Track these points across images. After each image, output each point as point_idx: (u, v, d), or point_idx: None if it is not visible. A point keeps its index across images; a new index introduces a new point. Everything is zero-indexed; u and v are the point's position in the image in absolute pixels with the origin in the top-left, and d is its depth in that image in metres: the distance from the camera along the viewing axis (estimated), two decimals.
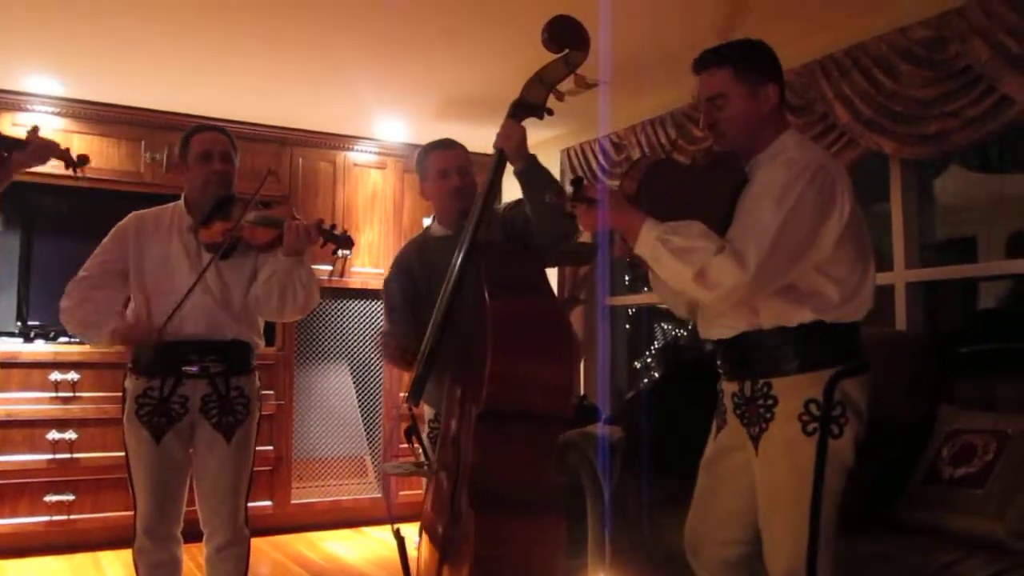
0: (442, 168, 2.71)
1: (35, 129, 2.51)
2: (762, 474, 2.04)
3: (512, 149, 2.38)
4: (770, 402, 2.01)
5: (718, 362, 2.20)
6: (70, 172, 2.61)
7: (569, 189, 2.06)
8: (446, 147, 2.77)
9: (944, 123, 3.14)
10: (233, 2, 3.56)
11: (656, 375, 5.75)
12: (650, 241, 1.97)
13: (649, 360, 6.20)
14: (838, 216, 1.95)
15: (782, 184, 1.94)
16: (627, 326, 5.71)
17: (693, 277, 1.91)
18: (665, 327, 6.52)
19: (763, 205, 1.94)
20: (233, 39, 3.98)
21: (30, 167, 2.49)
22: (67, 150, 2.59)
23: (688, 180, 2.15)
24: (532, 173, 2.43)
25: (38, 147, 2.47)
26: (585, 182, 2.06)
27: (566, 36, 2.29)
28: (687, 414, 2.91)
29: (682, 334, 6.46)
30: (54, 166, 2.61)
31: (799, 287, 1.99)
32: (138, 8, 3.62)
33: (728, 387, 2.16)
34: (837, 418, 1.95)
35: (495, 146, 2.39)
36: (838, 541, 2.00)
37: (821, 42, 3.66)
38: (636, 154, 4.65)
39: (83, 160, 2.63)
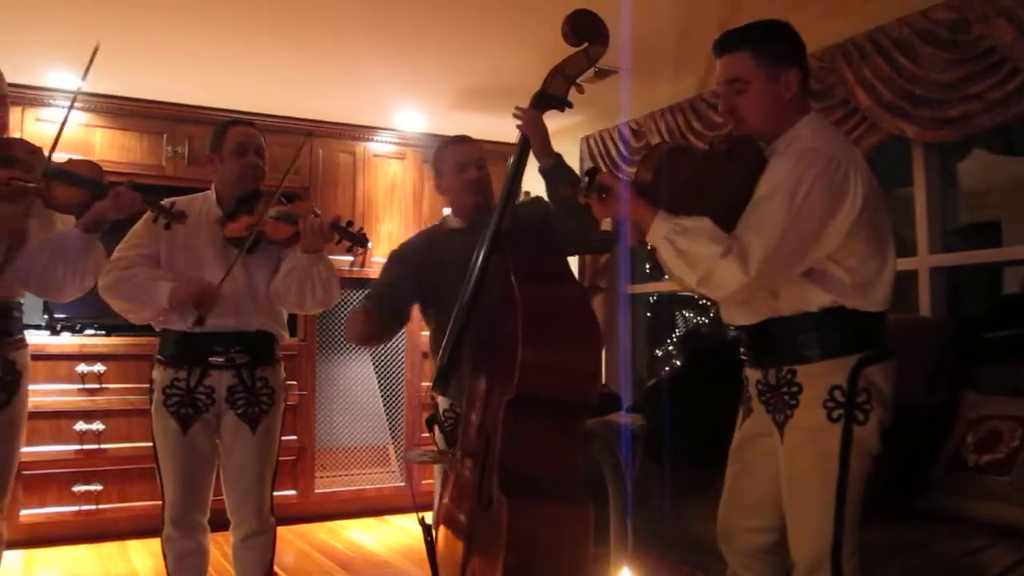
0: (460, 161, 2.73)
1: (126, 183, 2.49)
2: (787, 461, 2.04)
3: (538, 140, 2.39)
4: (794, 389, 2.00)
5: (742, 349, 2.20)
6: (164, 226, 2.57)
7: (584, 180, 2.06)
8: (463, 142, 2.81)
9: (967, 106, 3.11)
10: None
11: (677, 363, 5.74)
12: (659, 238, 1.98)
13: (670, 348, 6.19)
14: (849, 207, 1.92)
15: (792, 178, 1.92)
16: (648, 314, 5.70)
17: (698, 281, 1.94)
18: (687, 315, 6.51)
19: (772, 200, 1.93)
20: (251, 32, 4.00)
21: (112, 217, 2.45)
22: (159, 203, 2.56)
23: (705, 166, 2.14)
24: (559, 172, 2.44)
25: (121, 199, 2.43)
26: (599, 172, 2.06)
27: (587, 30, 2.29)
28: (709, 402, 2.91)
29: (703, 322, 6.44)
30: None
31: (815, 270, 1.98)
32: (158, 3, 3.64)
33: (752, 374, 2.15)
34: (862, 404, 1.94)
35: (520, 134, 2.39)
36: (862, 528, 2.00)
37: (841, 25, 3.62)
38: (655, 141, 4.63)
39: (180, 217, 2.57)
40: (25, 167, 2.35)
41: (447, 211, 2.91)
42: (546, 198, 2.60)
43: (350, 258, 2.76)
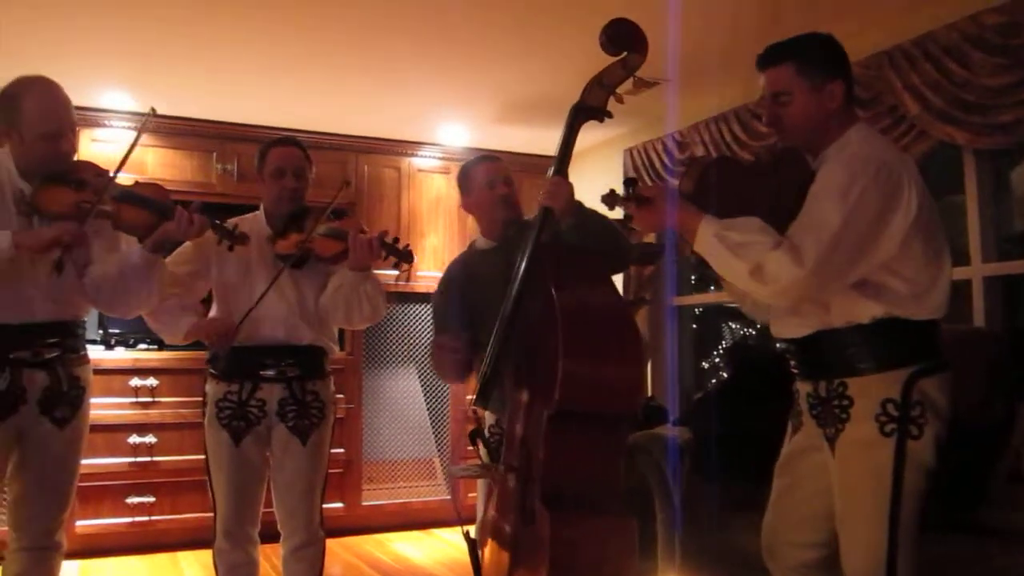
0: (489, 179, 2.76)
1: (195, 207, 2.57)
2: (839, 476, 2.00)
3: (561, 208, 2.38)
4: (846, 402, 1.97)
5: (792, 362, 2.17)
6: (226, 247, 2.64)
7: (625, 190, 2.06)
8: (491, 160, 2.85)
9: (1019, 112, 3.05)
10: (297, 15, 3.64)
11: (725, 375, 5.68)
12: (708, 238, 1.96)
13: (717, 360, 6.14)
14: (903, 214, 1.90)
15: (844, 181, 1.90)
16: (694, 326, 5.66)
17: (749, 272, 1.90)
18: (733, 326, 6.45)
19: (824, 202, 1.91)
20: (299, 52, 4.08)
21: (178, 239, 2.56)
22: (224, 226, 2.63)
23: (751, 178, 2.12)
24: (583, 222, 2.43)
25: (188, 222, 2.51)
26: (639, 182, 2.06)
27: (624, 39, 2.29)
28: (757, 415, 2.87)
29: (750, 333, 6.38)
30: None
31: (868, 282, 1.95)
32: (206, 25, 3.73)
33: (803, 387, 2.12)
34: (916, 418, 1.90)
35: (541, 203, 2.38)
36: (922, 545, 1.95)
37: (888, 32, 3.58)
38: (699, 152, 4.61)
39: (242, 239, 2.65)
40: (95, 190, 2.44)
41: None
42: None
43: (395, 272, 2.80)
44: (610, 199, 2.14)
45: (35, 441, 2.44)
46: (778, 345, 2.24)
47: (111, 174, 2.48)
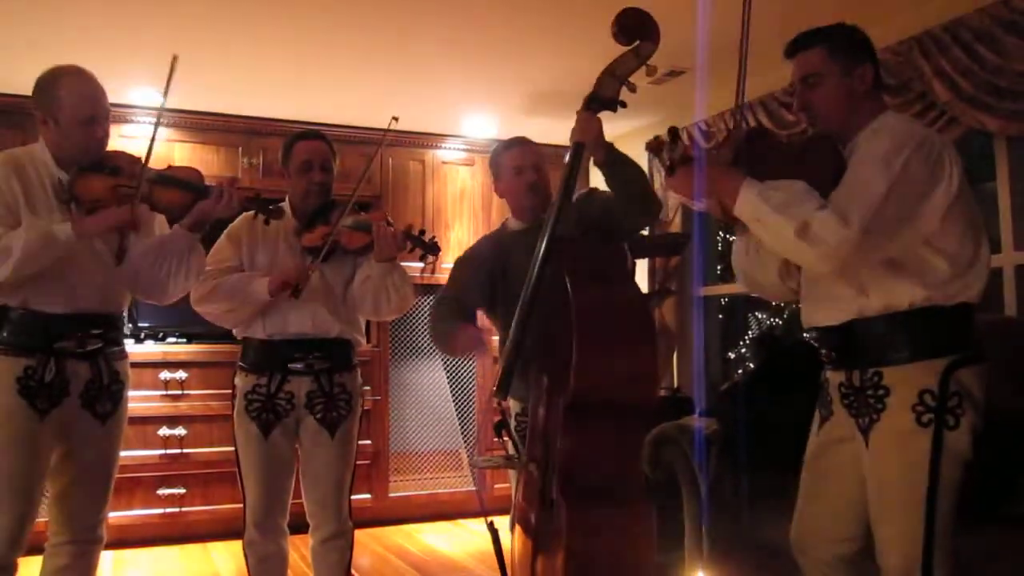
0: (517, 165, 2.75)
1: (232, 180, 2.63)
2: (873, 467, 1.98)
3: (591, 142, 2.39)
4: (881, 392, 1.95)
5: (822, 351, 2.14)
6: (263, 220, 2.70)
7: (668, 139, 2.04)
8: (520, 144, 2.82)
9: None
10: (322, 10, 3.65)
11: (751, 365, 5.66)
12: (751, 198, 1.94)
13: (743, 350, 6.10)
14: (946, 187, 1.88)
15: (888, 149, 1.89)
16: (720, 316, 5.63)
17: (796, 231, 1.86)
18: (759, 316, 6.41)
19: (868, 169, 1.89)
20: (323, 46, 4.09)
21: (217, 215, 2.58)
22: (259, 199, 2.67)
23: (785, 156, 2.10)
24: (614, 160, 2.44)
25: (225, 196, 2.55)
26: (679, 132, 2.05)
27: (636, 28, 2.28)
28: (784, 405, 2.86)
29: (776, 323, 6.34)
30: None
31: (908, 264, 1.93)
32: (232, 21, 3.75)
33: (834, 376, 2.09)
34: (953, 409, 1.88)
35: (572, 140, 2.39)
36: (955, 537, 1.93)
37: (917, 18, 3.53)
38: None
39: (279, 213, 2.70)
40: (129, 175, 2.47)
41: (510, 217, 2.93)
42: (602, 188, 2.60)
43: (420, 265, 2.81)
44: (655, 146, 2.11)
45: (79, 436, 2.47)
46: (806, 334, 2.21)
47: (144, 158, 2.51)
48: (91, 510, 2.54)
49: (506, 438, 2.67)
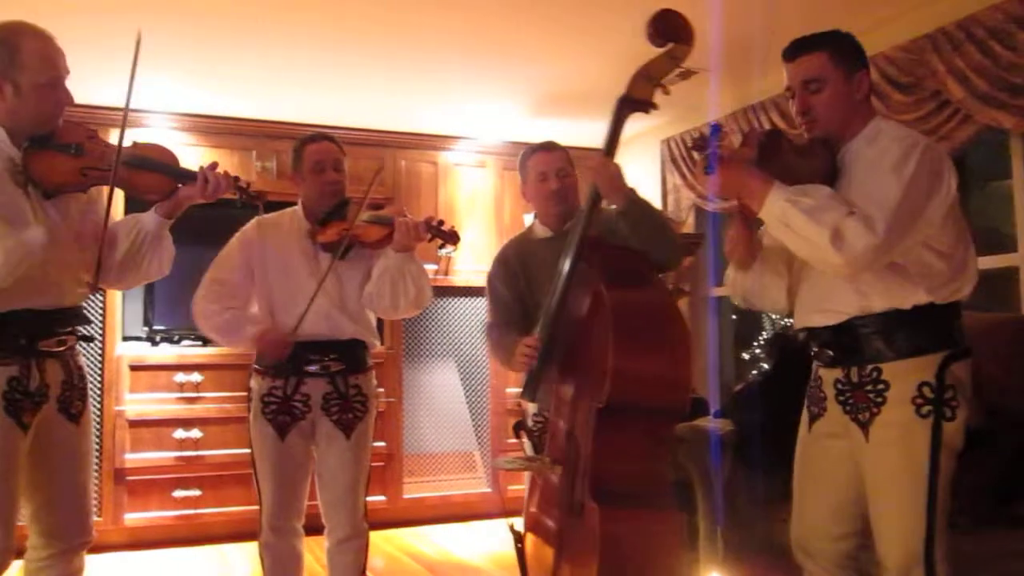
0: (541, 171, 2.74)
1: (212, 165, 2.43)
2: (873, 460, 2.01)
3: (605, 186, 2.38)
4: (880, 387, 1.98)
5: (815, 350, 2.16)
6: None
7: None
8: (546, 150, 2.80)
9: None
10: (333, 14, 3.66)
11: (765, 366, 5.63)
12: (779, 202, 1.94)
13: (757, 351, 6.08)
14: (946, 191, 1.94)
15: (898, 156, 1.93)
16: (734, 316, 5.62)
17: (830, 238, 1.87)
18: (773, 317, 6.37)
19: (882, 176, 1.93)
20: (331, 48, 4.10)
21: (198, 201, 2.39)
22: (241, 184, 2.59)
23: (791, 157, 2.11)
24: (633, 209, 2.43)
25: (208, 182, 2.37)
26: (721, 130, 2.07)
27: (671, 31, 2.27)
28: (798, 405, 2.84)
29: (790, 324, 6.30)
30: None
31: (908, 267, 1.97)
32: (244, 26, 3.77)
33: (828, 374, 2.12)
34: (949, 401, 1.94)
35: (588, 182, 2.39)
36: (964, 535, 1.94)
37: (929, 15, 3.51)
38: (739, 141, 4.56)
39: (259, 197, 2.66)
40: (98, 156, 2.24)
41: (528, 217, 2.92)
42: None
43: (434, 266, 2.80)
44: (701, 144, 2.11)
45: (57, 444, 2.24)
46: (800, 334, 2.21)
47: (119, 141, 2.25)
48: (82, 515, 2.33)
49: (523, 438, 2.68)
